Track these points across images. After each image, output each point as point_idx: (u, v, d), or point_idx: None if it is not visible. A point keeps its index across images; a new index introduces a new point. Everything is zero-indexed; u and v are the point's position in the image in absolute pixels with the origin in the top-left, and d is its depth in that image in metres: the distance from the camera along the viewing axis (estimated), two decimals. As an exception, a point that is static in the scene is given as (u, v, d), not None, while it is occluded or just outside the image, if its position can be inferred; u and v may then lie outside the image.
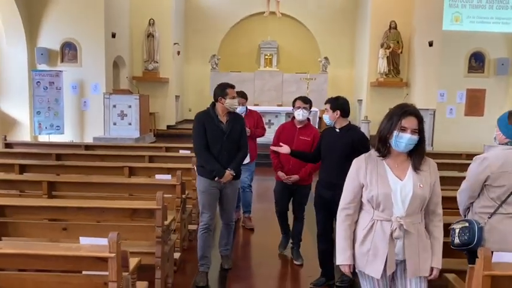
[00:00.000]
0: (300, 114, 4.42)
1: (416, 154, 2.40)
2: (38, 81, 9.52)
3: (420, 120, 2.38)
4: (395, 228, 2.36)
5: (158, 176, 4.32)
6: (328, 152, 3.86)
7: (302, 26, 15.04)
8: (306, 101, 4.48)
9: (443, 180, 3.34)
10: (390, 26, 12.36)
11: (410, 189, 2.37)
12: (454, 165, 5.87)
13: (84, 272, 2.39)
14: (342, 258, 2.51)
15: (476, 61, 10.13)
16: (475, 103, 10.11)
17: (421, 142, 2.38)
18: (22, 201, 3.49)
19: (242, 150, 4.10)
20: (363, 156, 2.55)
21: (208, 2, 14.69)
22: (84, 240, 2.39)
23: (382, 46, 12.39)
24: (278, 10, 13.20)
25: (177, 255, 4.23)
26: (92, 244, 2.35)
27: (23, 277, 2.36)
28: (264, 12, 13.80)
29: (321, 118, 12.66)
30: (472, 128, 10.02)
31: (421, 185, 2.38)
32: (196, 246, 4.09)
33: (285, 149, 4.06)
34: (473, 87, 10.12)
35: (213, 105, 3.99)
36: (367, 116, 11.72)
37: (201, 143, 3.93)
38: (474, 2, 9.84)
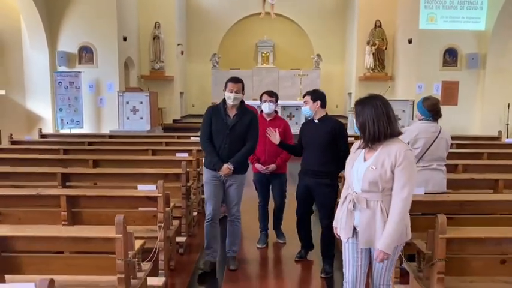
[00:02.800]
0: (266, 107, 4.64)
1: (362, 137, 2.69)
2: (60, 82, 10.69)
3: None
4: (350, 201, 2.68)
5: (178, 154, 5.44)
6: (309, 143, 4.02)
7: (296, 26, 16.14)
8: (272, 95, 4.70)
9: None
10: (375, 24, 13.46)
11: (363, 170, 2.62)
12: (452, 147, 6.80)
13: (140, 209, 3.59)
14: (335, 222, 2.88)
15: (450, 56, 11.28)
16: (449, 94, 11.26)
17: (359, 127, 2.67)
18: (84, 170, 4.68)
19: (247, 145, 4.05)
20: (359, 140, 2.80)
21: (208, 5, 15.82)
22: (140, 187, 3.59)
23: (368, 43, 13.50)
24: (272, 12, 14.26)
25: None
26: (145, 189, 3.56)
27: (99, 213, 3.55)
28: (260, 13, 14.93)
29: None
30: (447, 115, 11.03)
31: (373, 167, 2.57)
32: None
33: (276, 138, 4.18)
34: (448, 80, 11.26)
35: (225, 99, 4.08)
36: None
37: (205, 135, 4.04)
38: (447, 4, 10.98)
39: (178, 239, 4.48)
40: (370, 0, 13.38)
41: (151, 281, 3.39)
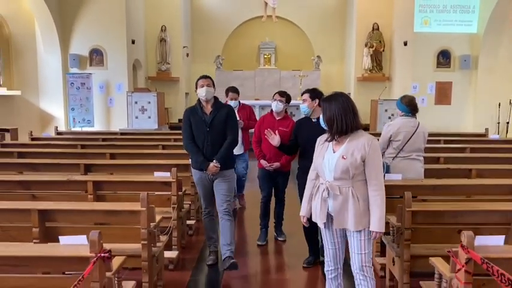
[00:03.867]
0: (274, 105, 4.80)
1: (329, 130, 2.91)
2: (72, 83, 11.27)
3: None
4: (323, 190, 2.88)
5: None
6: (308, 143, 3.87)
7: (297, 28, 16.66)
8: (283, 95, 4.86)
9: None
10: (373, 27, 13.95)
11: (335, 160, 2.83)
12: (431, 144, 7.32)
13: (156, 193, 4.14)
14: (301, 211, 3.12)
15: (444, 58, 11.79)
16: (443, 94, 11.78)
17: (326, 121, 2.90)
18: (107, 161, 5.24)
19: (228, 139, 4.07)
20: (321, 136, 3.04)
21: (212, 9, 16.37)
22: (156, 174, 4.15)
23: (366, 45, 14.00)
24: (274, 15, 14.80)
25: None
26: (160, 175, 4.12)
27: (120, 196, 4.11)
28: (262, 17, 15.47)
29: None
30: (441, 114, 11.69)
31: (345, 157, 2.80)
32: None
33: (276, 140, 4.15)
34: (442, 80, 11.77)
35: (199, 99, 4.13)
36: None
37: (187, 136, 4.07)
38: (440, 8, 11.49)
39: (188, 222, 4.97)
40: (368, 4, 13.88)
41: (166, 254, 3.94)
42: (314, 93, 4.17)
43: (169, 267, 4.08)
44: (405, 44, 12.30)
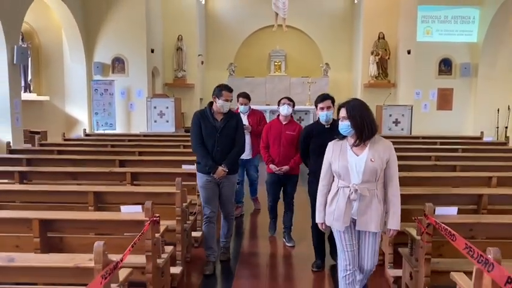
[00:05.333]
0: (285, 109, 4.94)
1: (359, 135, 2.97)
2: (96, 89, 12.13)
3: (348, 110, 2.99)
4: (352, 192, 2.92)
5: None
6: (323, 147, 3.62)
7: (307, 37, 17.41)
8: (291, 100, 5.09)
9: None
10: (379, 36, 14.64)
11: (363, 162, 2.92)
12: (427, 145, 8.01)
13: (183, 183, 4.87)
14: (317, 218, 3.16)
15: (445, 66, 12.42)
16: (444, 100, 12.41)
17: (353, 126, 2.94)
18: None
19: (237, 146, 4.22)
20: (333, 141, 3.14)
21: (225, 19, 17.22)
22: (185, 166, 4.89)
23: (372, 53, 14.68)
24: (284, 25, 15.55)
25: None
26: (187, 168, 4.86)
27: (152, 185, 4.85)
28: (273, 26, 16.24)
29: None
30: (443, 119, 12.33)
31: (373, 159, 2.91)
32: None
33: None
34: (443, 87, 12.40)
35: (211, 103, 4.24)
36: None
37: (197, 140, 4.16)
38: (442, 18, 12.15)
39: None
40: (374, 14, 14.57)
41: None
42: (333, 100, 4.18)
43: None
44: (409, 52, 12.96)
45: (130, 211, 3.07)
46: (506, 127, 11.79)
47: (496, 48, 11.84)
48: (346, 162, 2.96)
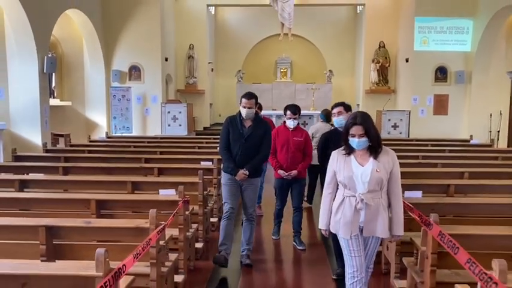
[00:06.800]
0: (291, 124, 5.11)
1: (372, 148, 3.06)
2: (114, 95, 13.04)
3: (365, 127, 3.01)
4: (358, 202, 3.01)
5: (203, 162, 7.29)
6: None
7: (311, 45, 18.32)
8: (295, 112, 5.11)
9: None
10: (380, 45, 15.41)
11: (369, 172, 3.00)
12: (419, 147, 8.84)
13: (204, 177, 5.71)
14: (321, 224, 3.23)
15: (441, 73, 13.19)
16: (440, 105, 13.17)
17: (372, 140, 3.03)
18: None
19: (261, 153, 4.41)
20: (336, 150, 3.20)
21: (234, 28, 18.16)
22: (203, 163, 5.73)
23: (373, 61, 15.47)
24: (290, 34, 16.39)
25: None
26: (205, 164, 5.70)
27: (176, 177, 5.70)
28: (279, 35, 17.10)
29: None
30: (439, 124, 13.08)
31: (378, 170, 3.00)
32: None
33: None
34: (439, 93, 13.17)
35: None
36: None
37: (223, 143, 4.43)
38: (437, 29, 12.94)
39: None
40: (375, 24, 15.36)
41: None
42: (346, 106, 4.40)
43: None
44: (407, 60, 13.76)
45: (168, 193, 3.90)
46: (499, 131, 12.51)
47: (488, 57, 12.58)
48: (351, 173, 3.05)
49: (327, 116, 6.59)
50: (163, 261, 3.28)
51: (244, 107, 4.37)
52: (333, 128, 4.86)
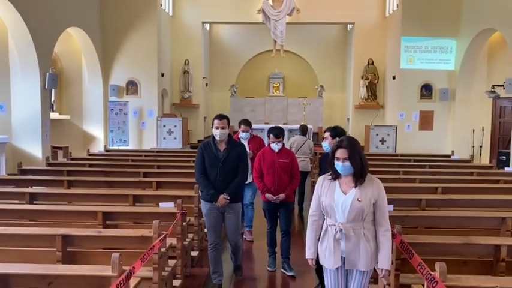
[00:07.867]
0: (275, 148, 4.98)
1: (354, 175, 2.92)
2: (112, 109, 13.46)
3: (349, 151, 2.89)
4: (336, 232, 2.90)
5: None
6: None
7: (303, 61, 18.92)
8: (278, 136, 4.98)
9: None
10: (368, 62, 15.98)
11: (349, 202, 2.87)
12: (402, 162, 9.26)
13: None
14: (307, 253, 3.10)
15: (426, 90, 13.76)
16: (426, 121, 13.72)
17: (354, 167, 2.88)
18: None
19: (239, 176, 4.33)
20: (323, 175, 3.11)
21: (227, 44, 18.75)
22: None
23: (362, 78, 16.05)
24: (282, 51, 16.96)
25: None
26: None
27: (173, 189, 6.13)
28: (272, 51, 17.65)
29: (316, 133, 16.39)
30: (425, 139, 13.63)
31: (359, 199, 2.86)
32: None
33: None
34: (425, 109, 13.72)
35: (214, 135, 4.39)
36: (351, 131, 15.45)
37: (199, 170, 4.36)
38: (423, 48, 13.56)
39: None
40: (364, 42, 16.00)
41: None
42: (335, 132, 4.36)
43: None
44: (394, 78, 14.35)
45: (167, 206, 4.33)
46: (481, 146, 13.08)
47: (471, 75, 13.19)
48: (332, 201, 2.95)
49: (303, 131, 8.03)
50: (164, 267, 3.64)
51: (217, 128, 4.33)
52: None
